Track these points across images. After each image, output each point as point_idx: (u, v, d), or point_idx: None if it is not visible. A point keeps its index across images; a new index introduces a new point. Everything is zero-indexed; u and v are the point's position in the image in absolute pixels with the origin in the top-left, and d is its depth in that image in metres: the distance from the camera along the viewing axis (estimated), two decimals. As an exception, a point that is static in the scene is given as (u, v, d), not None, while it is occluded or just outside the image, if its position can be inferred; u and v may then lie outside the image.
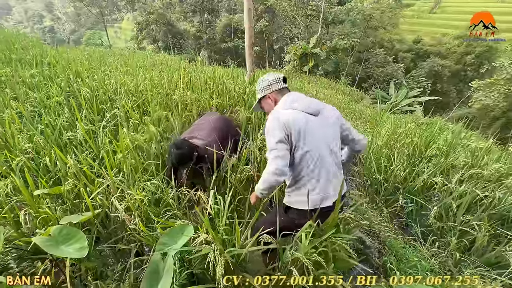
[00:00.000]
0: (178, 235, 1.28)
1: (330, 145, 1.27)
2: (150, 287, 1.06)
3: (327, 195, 1.24)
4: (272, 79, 1.37)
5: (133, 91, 2.84)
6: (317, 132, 1.24)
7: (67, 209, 1.53)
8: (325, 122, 1.29)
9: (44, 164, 1.74)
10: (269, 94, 1.37)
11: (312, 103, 1.30)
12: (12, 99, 2.55)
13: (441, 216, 2.07)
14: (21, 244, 1.38)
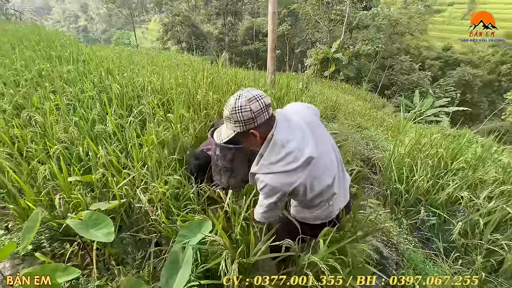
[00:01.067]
0: (197, 229, 1.33)
1: (333, 156, 1.14)
2: (170, 275, 1.11)
3: (340, 204, 1.22)
4: (257, 110, 0.94)
5: (159, 89, 2.97)
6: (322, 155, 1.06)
7: (95, 196, 1.64)
8: (322, 140, 1.10)
9: (77, 153, 1.87)
10: (252, 129, 0.99)
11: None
12: (51, 92, 2.76)
13: (466, 233, 1.96)
14: (54, 225, 1.50)
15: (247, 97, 0.95)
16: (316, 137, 1.04)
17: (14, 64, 3.48)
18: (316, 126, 1.10)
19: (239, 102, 0.95)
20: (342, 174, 1.23)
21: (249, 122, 0.96)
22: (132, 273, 1.44)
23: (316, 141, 1.02)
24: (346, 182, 1.26)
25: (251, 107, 0.94)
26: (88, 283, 1.35)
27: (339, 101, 8.23)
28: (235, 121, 0.98)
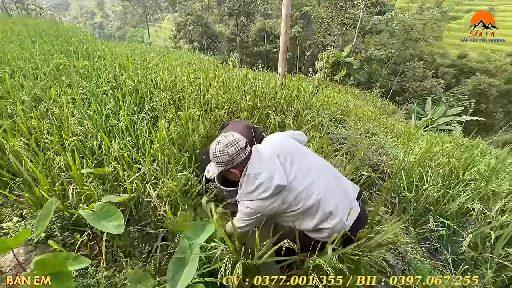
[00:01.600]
0: (200, 231, 1.32)
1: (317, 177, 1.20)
2: (176, 271, 1.12)
3: (345, 217, 1.21)
4: (233, 153, 1.16)
5: (171, 87, 3.02)
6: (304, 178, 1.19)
7: (106, 189, 1.68)
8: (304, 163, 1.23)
9: (91, 146, 1.92)
10: (232, 168, 1.20)
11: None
12: (67, 86, 2.84)
13: (476, 246, 1.91)
14: (67, 215, 1.54)
15: (224, 143, 1.17)
16: (291, 164, 1.18)
17: (33, 57, 3.60)
18: (295, 154, 1.23)
19: (218, 148, 1.18)
20: (342, 191, 1.25)
21: (228, 163, 1.18)
22: (139, 266, 1.46)
23: (289, 169, 1.17)
24: (350, 197, 1.27)
25: (228, 151, 1.16)
26: (96, 273, 1.39)
27: (349, 105, 8.18)
28: (217, 163, 1.21)
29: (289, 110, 2.65)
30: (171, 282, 1.11)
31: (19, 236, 1.10)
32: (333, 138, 3.03)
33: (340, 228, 1.18)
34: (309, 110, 2.72)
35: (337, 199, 1.20)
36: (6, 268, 1.23)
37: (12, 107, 2.25)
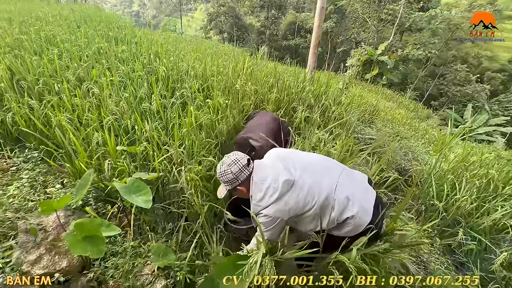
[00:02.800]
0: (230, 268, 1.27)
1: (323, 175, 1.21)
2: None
3: (363, 200, 1.20)
4: (236, 171, 1.21)
5: (200, 75, 3.09)
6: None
7: (137, 166, 1.79)
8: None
9: (125, 126, 2.05)
10: (238, 185, 1.24)
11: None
12: (107, 69, 3.03)
13: (510, 265, 1.77)
14: (102, 186, 1.67)
15: (227, 163, 1.23)
16: (294, 164, 1.22)
17: (78, 40, 3.88)
18: (298, 155, 1.30)
19: (222, 168, 1.24)
20: (352, 179, 1.26)
21: (233, 181, 1.23)
22: (162, 241, 1.56)
23: (294, 168, 1.20)
24: (361, 182, 1.27)
25: (231, 170, 1.21)
26: (123, 243, 1.50)
27: (379, 106, 7.81)
28: (223, 182, 1.26)
29: (316, 105, 2.60)
30: None
31: (62, 200, 1.22)
32: (359, 138, 2.93)
33: (363, 214, 1.16)
34: (337, 107, 2.64)
35: (350, 186, 1.20)
36: (49, 228, 1.37)
37: (59, 85, 2.46)
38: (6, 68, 2.48)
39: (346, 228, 1.18)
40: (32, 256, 1.20)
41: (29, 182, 1.78)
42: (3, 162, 1.99)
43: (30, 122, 2.08)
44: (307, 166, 1.23)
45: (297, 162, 1.24)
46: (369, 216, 1.18)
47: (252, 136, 1.89)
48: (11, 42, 3.26)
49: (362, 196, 1.21)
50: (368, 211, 1.18)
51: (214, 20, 26.16)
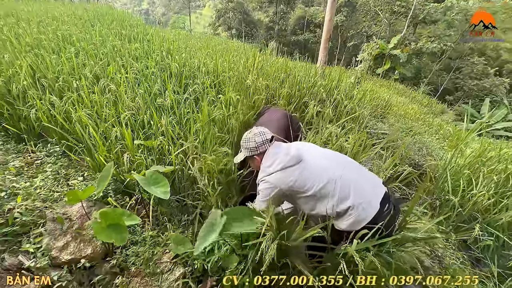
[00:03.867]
0: (243, 217, 1.34)
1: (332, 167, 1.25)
2: (205, 234, 1.18)
3: (369, 194, 1.20)
4: (259, 142, 1.34)
5: (212, 71, 3.13)
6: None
7: (153, 160, 1.85)
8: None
9: (141, 121, 2.11)
10: (256, 155, 1.37)
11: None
12: (121, 66, 3.11)
13: (529, 262, 1.73)
14: (122, 178, 1.74)
15: (254, 132, 1.37)
16: (307, 150, 1.30)
17: (93, 39, 3.99)
18: (312, 146, 1.37)
19: (248, 135, 1.38)
20: (361, 175, 1.27)
21: (253, 150, 1.36)
22: (179, 232, 1.61)
23: (306, 152, 1.28)
24: (371, 179, 1.27)
25: (255, 139, 1.34)
26: (142, 232, 1.57)
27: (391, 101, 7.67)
28: (244, 148, 1.39)
29: (328, 100, 2.59)
30: (199, 241, 1.13)
31: (86, 190, 1.29)
32: (372, 133, 2.89)
33: (366, 207, 1.16)
34: (350, 101, 2.62)
35: (357, 179, 1.22)
36: (74, 217, 1.45)
37: (77, 82, 2.55)
38: (28, 67, 2.59)
39: (348, 220, 1.18)
40: (60, 243, 1.28)
41: (52, 175, 1.88)
42: (28, 156, 2.10)
43: (51, 118, 2.18)
44: (319, 154, 1.31)
45: (311, 149, 1.33)
46: (373, 210, 1.16)
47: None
48: (31, 42, 3.40)
49: (368, 190, 1.21)
50: (373, 205, 1.17)
51: (223, 17, 26.12)
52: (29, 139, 2.24)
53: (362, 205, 1.16)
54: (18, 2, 8.30)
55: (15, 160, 1.94)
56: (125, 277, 1.28)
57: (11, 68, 2.56)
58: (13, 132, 2.26)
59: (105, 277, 1.28)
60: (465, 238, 2.00)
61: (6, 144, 2.19)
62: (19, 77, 2.43)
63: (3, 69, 2.54)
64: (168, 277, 1.31)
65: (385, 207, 1.19)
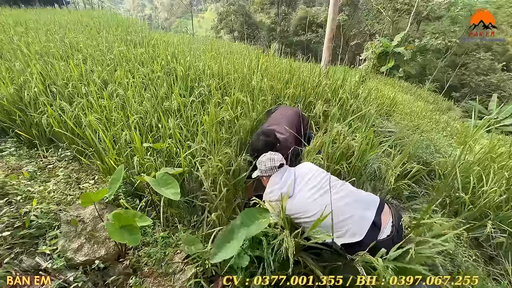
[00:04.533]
0: (255, 218, 1.36)
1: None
2: (222, 241, 1.20)
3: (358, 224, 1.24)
4: (268, 166, 1.53)
5: (217, 74, 3.16)
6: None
7: (162, 162, 1.87)
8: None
9: (149, 124, 2.15)
10: (264, 176, 1.56)
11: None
12: (128, 71, 3.16)
13: (544, 259, 1.69)
14: (133, 181, 1.77)
15: (267, 157, 1.55)
16: (304, 183, 1.43)
17: (99, 45, 4.07)
18: (315, 175, 1.47)
19: (263, 158, 1.56)
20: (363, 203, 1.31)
21: (263, 172, 1.54)
22: (189, 232, 1.63)
23: (300, 185, 1.42)
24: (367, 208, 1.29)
25: (266, 164, 1.53)
26: (154, 233, 1.59)
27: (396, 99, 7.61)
28: (258, 168, 1.58)
29: (333, 99, 2.59)
30: (216, 249, 1.16)
31: (99, 193, 1.32)
32: (378, 132, 2.88)
33: (358, 221, 1.22)
34: (355, 100, 2.61)
35: (345, 201, 1.29)
36: (87, 220, 1.48)
37: (86, 88, 2.60)
38: (38, 74, 2.66)
39: (345, 238, 1.23)
40: (74, 245, 1.31)
41: (64, 179, 1.92)
42: (40, 161, 2.15)
43: (62, 123, 2.23)
44: (310, 186, 1.41)
45: (306, 179, 1.45)
46: (367, 222, 1.22)
47: (276, 128, 1.93)
48: (40, 50, 3.48)
49: (359, 206, 1.28)
50: (367, 217, 1.23)
51: (225, 20, 26.30)
52: (41, 144, 2.30)
53: (354, 218, 1.22)
54: (26, 12, 8.51)
55: (28, 165, 1.99)
56: (138, 278, 1.30)
57: (23, 75, 2.63)
58: (25, 138, 2.32)
59: (119, 278, 1.30)
60: (476, 235, 1.97)
61: (19, 150, 2.25)
62: (30, 84, 2.50)
63: (14, 77, 2.61)
64: (180, 277, 1.33)
65: (376, 233, 1.22)
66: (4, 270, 1.08)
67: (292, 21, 25.78)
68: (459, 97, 16.27)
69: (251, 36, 25.60)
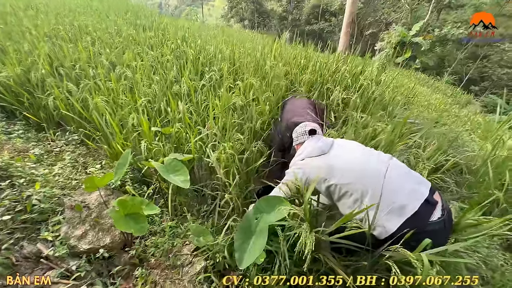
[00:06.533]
0: (274, 206, 1.26)
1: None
2: (244, 240, 1.09)
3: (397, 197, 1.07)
4: (299, 132, 1.46)
5: (228, 58, 3.00)
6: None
7: (171, 147, 1.77)
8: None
9: (158, 108, 2.04)
10: (296, 144, 1.48)
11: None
12: (137, 54, 3.05)
13: None
14: (140, 166, 1.68)
15: (300, 125, 1.49)
16: (342, 148, 1.31)
17: (108, 29, 3.96)
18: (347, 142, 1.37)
19: (296, 129, 1.49)
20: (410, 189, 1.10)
21: (295, 140, 1.48)
22: (198, 222, 1.54)
23: (336, 149, 1.29)
24: (413, 196, 1.07)
25: (297, 130, 1.47)
26: (161, 222, 1.50)
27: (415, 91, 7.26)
28: (295, 136, 1.50)
29: (352, 86, 2.40)
30: (239, 251, 1.06)
31: (104, 177, 1.22)
32: (411, 122, 2.67)
33: (395, 211, 1.03)
34: (377, 87, 2.42)
35: (391, 179, 1.08)
36: (92, 206, 1.40)
37: (94, 70, 2.51)
38: (46, 55, 2.58)
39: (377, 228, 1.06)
40: (78, 232, 1.23)
41: (71, 163, 1.85)
42: (48, 144, 2.09)
43: (69, 106, 2.15)
44: (352, 150, 1.29)
45: (347, 145, 1.33)
46: (406, 214, 1.03)
47: (300, 119, 1.81)
48: (48, 32, 3.40)
49: (404, 192, 1.07)
50: (408, 209, 1.03)
51: (235, 8, 25.70)
52: (49, 127, 2.24)
53: (405, 192, 1.04)
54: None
55: (35, 148, 1.93)
56: (144, 269, 1.22)
57: (30, 57, 2.56)
58: (34, 121, 2.26)
59: (124, 268, 1.22)
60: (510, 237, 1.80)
61: (27, 132, 2.20)
62: (37, 66, 2.42)
63: (22, 58, 2.54)
64: (189, 270, 1.24)
65: (429, 211, 1.04)
66: (3, 257, 1.01)
67: (305, 9, 24.95)
68: (477, 91, 15.49)
69: (262, 24, 24.98)
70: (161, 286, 1.16)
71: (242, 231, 1.10)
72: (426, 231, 1.00)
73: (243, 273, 1.23)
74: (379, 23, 20.76)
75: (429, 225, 1.02)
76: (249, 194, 1.80)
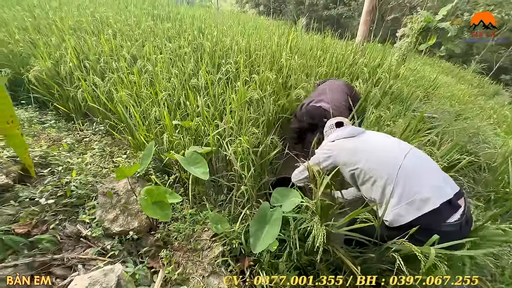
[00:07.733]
0: (289, 197, 1.35)
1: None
2: (258, 228, 1.19)
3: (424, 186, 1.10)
4: (327, 126, 1.57)
5: (244, 50, 3.02)
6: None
7: (190, 140, 1.87)
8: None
9: (177, 101, 2.13)
10: (325, 136, 1.56)
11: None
12: (155, 47, 3.14)
13: None
14: (163, 157, 1.80)
15: (330, 120, 1.59)
16: (370, 133, 1.39)
17: (127, 20, 4.06)
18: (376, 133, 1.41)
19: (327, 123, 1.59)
20: (436, 184, 1.11)
21: (325, 134, 1.57)
22: (215, 211, 1.65)
23: (367, 134, 1.37)
24: (438, 192, 1.08)
25: (326, 126, 1.58)
26: (182, 210, 1.63)
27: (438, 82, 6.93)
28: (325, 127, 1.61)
29: (370, 79, 2.37)
30: (253, 237, 1.18)
31: (132, 168, 1.34)
32: (428, 116, 2.61)
33: (417, 202, 1.04)
34: (395, 81, 2.37)
35: (417, 169, 1.12)
36: (120, 192, 1.54)
37: (116, 63, 2.63)
38: (72, 49, 2.72)
39: (394, 211, 1.09)
40: (110, 215, 1.38)
41: (99, 152, 2.00)
42: (77, 134, 2.26)
43: (95, 98, 2.29)
44: (382, 138, 1.33)
45: (375, 134, 1.38)
46: (427, 207, 1.03)
47: (322, 99, 1.85)
48: (73, 24, 3.55)
49: (429, 185, 1.08)
50: (431, 202, 1.04)
51: (250, -8, 25.01)
52: (77, 118, 2.40)
53: (413, 198, 1.05)
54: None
55: (67, 138, 2.09)
56: (168, 251, 1.35)
57: (58, 50, 2.71)
58: (63, 112, 2.43)
59: (151, 249, 1.36)
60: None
61: (58, 122, 2.38)
62: (65, 59, 2.57)
63: (51, 51, 2.70)
64: (208, 254, 1.36)
65: (449, 213, 1.05)
66: (51, 235, 1.16)
67: (323, -7, 23.82)
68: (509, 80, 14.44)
69: (278, 10, 24.24)
70: (183, 266, 1.29)
71: (257, 219, 1.20)
72: (440, 231, 1.02)
73: (257, 258, 1.34)
74: (403, 7, 19.51)
75: (444, 226, 1.04)
76: (263, 186, 1.88)
